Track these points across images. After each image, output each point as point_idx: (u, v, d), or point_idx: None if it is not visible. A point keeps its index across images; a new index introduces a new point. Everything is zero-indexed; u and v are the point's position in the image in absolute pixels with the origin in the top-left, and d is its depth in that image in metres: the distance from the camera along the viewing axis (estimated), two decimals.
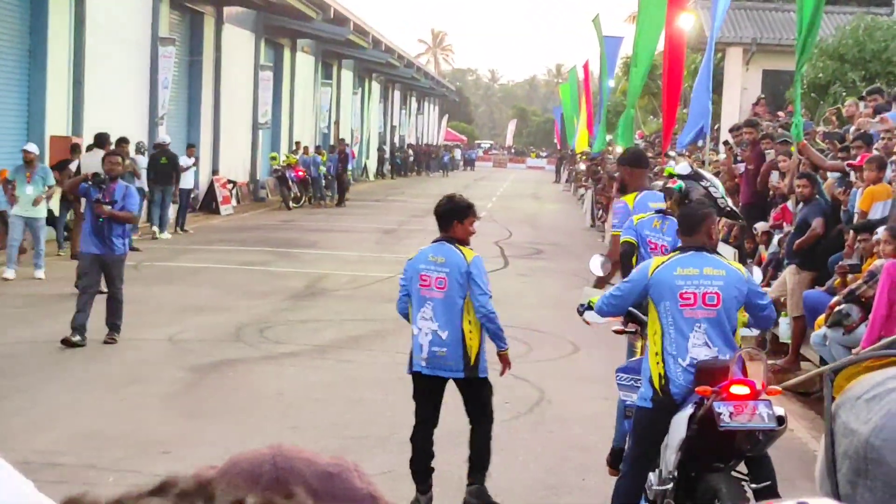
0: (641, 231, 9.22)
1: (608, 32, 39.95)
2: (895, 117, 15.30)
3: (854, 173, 13.85)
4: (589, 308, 7.83)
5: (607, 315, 7.65)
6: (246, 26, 38.84)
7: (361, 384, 12.20)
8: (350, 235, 29.43)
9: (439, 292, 8.12)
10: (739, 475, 6.86)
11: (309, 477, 1.35)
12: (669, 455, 6.79)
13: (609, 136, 44.37)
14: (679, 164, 9.77)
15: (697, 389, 6.60)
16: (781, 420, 6.48)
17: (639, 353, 8.24)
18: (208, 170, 34.90)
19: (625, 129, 31.53)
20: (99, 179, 13.83)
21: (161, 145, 27.21)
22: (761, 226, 16.31)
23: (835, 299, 11.80)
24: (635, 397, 7.35)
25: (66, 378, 12.08)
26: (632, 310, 7.60)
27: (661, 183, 11.88)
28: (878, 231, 11.53)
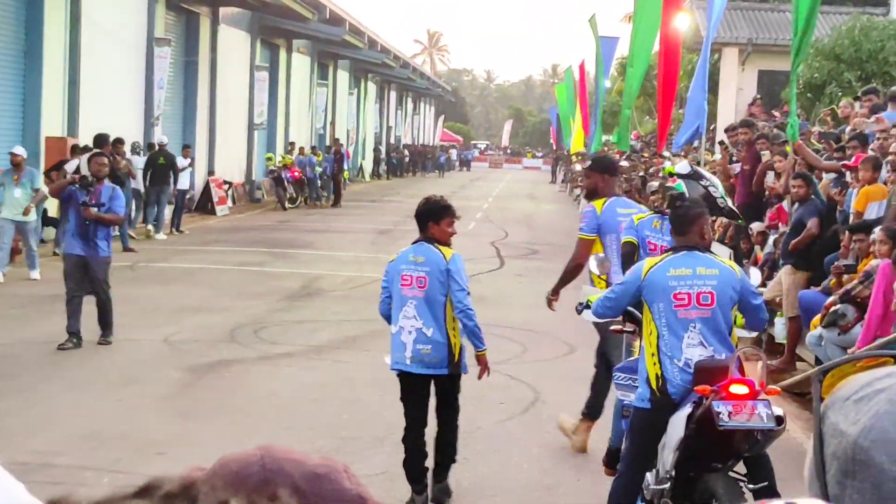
0: (642, 231, 9.21)
1: (604, 33, 39.96)
2: (891, 117, 15.29)
3: (849, 174, 13.85)
4: (587, 307, 7.84)
5: (603, 317, 7.65)
6: (241, 27, 38.83)
7: (357, 385, 12.19)
8: (346, 236, 29.42)
9: (420, 291, 8.25)
10: (737, 475, 6.86)
11: (297, 478, 1.35)
12: (667, 455, 6.78)
13: (607, 137, 44.40)
14: (678, 164, 9.77)
15: (696, 388, 6.59)
16: (780, 420, 6.47)
17: (636, 353, 8.24)
18: (204, 170, 34.89)
19: (621, 130, 31.57)
20: (86, 182, 13.72)
21: (159, 145, 27.23)
22: (757, 226, 16.31)
23: (830, 299, 11.80)
24: (633, 397, 7.34)
25: (62, 379, 12.07)
26: (630, 309, 7.61)
27: (658, 183, 11.90)
28: (875, 231, 11.54)
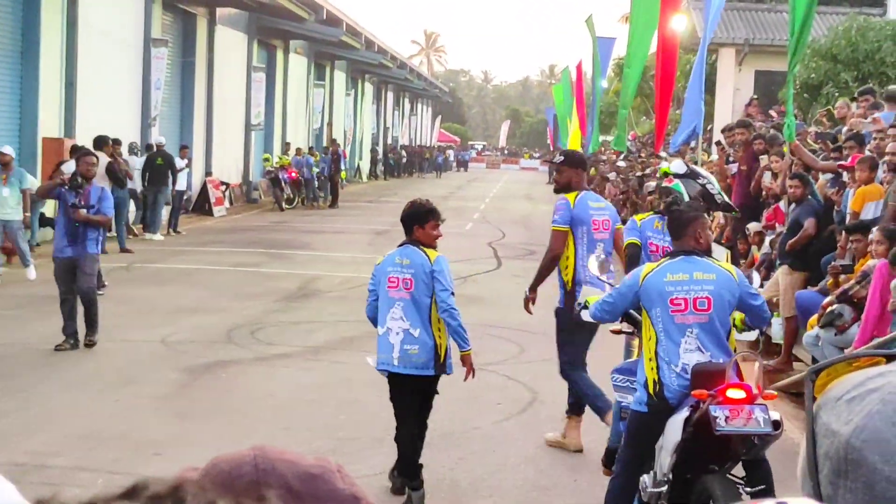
0: (644, 232, 9.21)
1: (601, 33, 39.97)
2: (888, 118, 15.29)
3: (846, 174, 13.86)
4: (585, 307, 7.84)
5: (601, 320, 7.66)
6: (238, 27, 38.83)
7: (354, 385, 12.18)
8: (343, 237, 29.41)
9: (407, 293, 8.40)
10: (735, 478, 6.85)
11: (290, 478, 1.35)
12: (664, 458, 6.78)
13: (604, 137, 44.40)
14: (673, 163, 9.76)
15: (693, 393, 6.58)
16: (777, 425, 6.46)
17: (635, 354, 8.24)
18: (201, 171, 34.88)
19: (618, 131, 31.56)
20: (76, 184, 13.60)
21: (157, 146, 27.23)
22: (753, 226, 16.31)
23: (827, 299, 11.81)
24: (631, 399, 7.34)
25: (59, 379, 12.07)
26: (630, 311, 7.61)
27: (655, 183, 11.89)
28: (873, 231, 11.54)
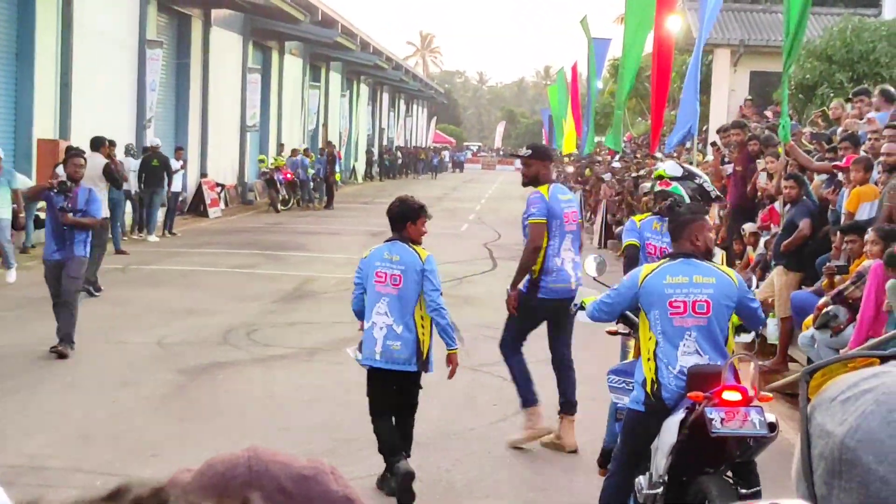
0: (643, 233, 9.22)
1: (596, 34, 39.99)
2: (882, 118, 15.31)
3: (841, 174, 13.87)
4: (582, 308, 7.84)
5: (599, 321, 7.65)
6: (234, 29, 38.81)
7: (351, 386, 12.15)
8: (338, 238, 29.39)
9: (394, 289, 8.53)
10: (730, 480, 6.85)
11: (283, 479, 1.35)
12: (660, 459, 6.78)
13: (599, 138, 44.39)
14: (667, 165, 9.73)
15: (689, 394, 6.58)
16: (773, 427, 6.47)
17: (632, 355, 8.23)
18: (196, 172, 34.86)
19: (614, 131, 31.59)
20: (64, 187, 13.45)
21: (153, 148, 27.22)
22: (749, 227, 16.32)
23: (822, 300, 11.82)
24: (627, 400, 7.34)
25: (55, 381, 12.06)
26: (626, 312, 7.62)
27: (650, 185, 11.88)
28: (868, 231, 11.55)
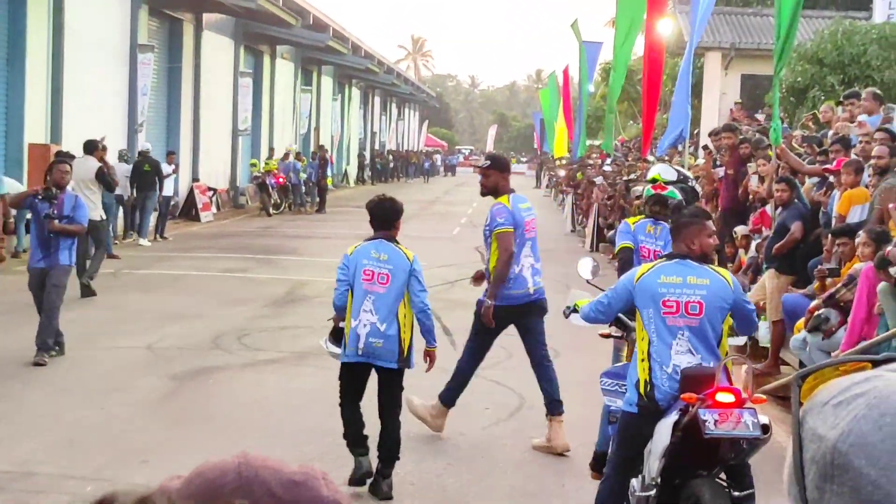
0: (636, 236, 9.23)
1: (588, 38, 40.00)
2: (874, 122, 15.35)
3: (832, 177, 13.89)
4: (574, 311, 7.83)
5: (595, 321, 7.65)
6: (225, 33, 38.79)
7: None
8: (330, 242, 29.35)
9: (381, 287, 8.72)
10: (722, 482, 6.86)
11: (274, 485, 1.34)
12: (653, 461, 6.78)
13: (591, 142, 44.39)
14: (661, 169, 9.72)
15: (682, 396, 6.59)
16: (766, 428, 6.48)
17: (625, 358, 8.24)
18: (188, 177, 34.84)
19: (606, 135, 31.63)
20: (49, 194, 13.33)
21: (143, 153, 27.24)
22: (741, 229, 16.33)
23: (814, 303, 11.83)
24: (619, 403, 7.35)
25: (45, 387, 12.03)
26: (619, 315, 7.64)
27: (641, 188, 11.88)
28: (860, 234, 11.56)
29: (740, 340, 7.66)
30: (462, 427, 10.79)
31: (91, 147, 20.09)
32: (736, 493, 6.72)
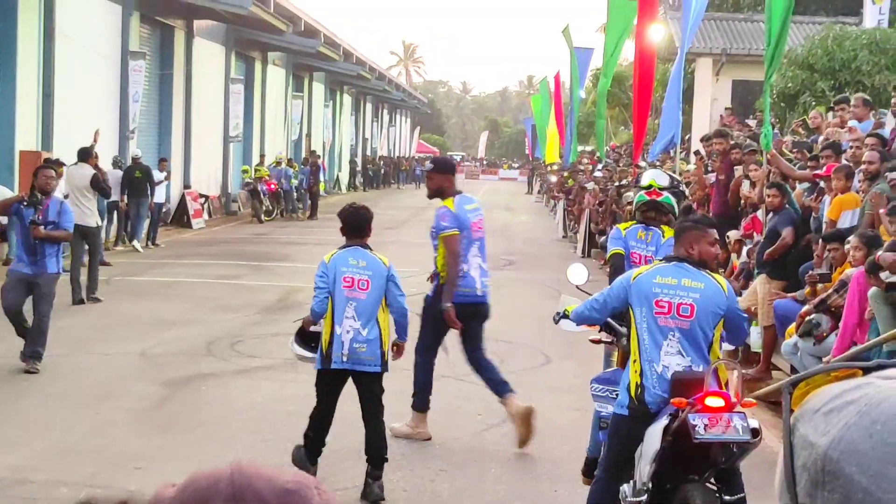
0: (627, 242, 9.25)
1: (579, 44, 40.06)
2: (865, 127, 15.39)
3: (822, 183, 13.92)
4: (565, 316, 7.84)
5: (587, 321, 7.65)
6: (216, 39, 38.77)
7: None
8: (323, 248, 29.05)
9: (362, 293, 8.91)
10: (714, 486, 6.87)
11: (267, 494, 1.35)
12: (644, 466, 6.79)
13: (582, 147, 44.43)
14: (655, 175, 9.71)
15: (672, 401, 6.61)
16: (756, 432, 6.49)
17: (615, 364, 8.25)
18: (180, 183, 34.80)
19: (598, 140, 31.66)
20: (36, 200, 13.24)
21: (134, 159, 27.25)
22: (734, 234, 16.33)
23: (805, 308, 11.85)
24: (610, 408, 7.36)
25: (37, 393, 12.02)
26: (609, 320, 7.66)
27: (632, 194, 11.90)
28: (850, 239, 11.58)
29: (730, 345, 7.68)
30: (454, 433, 10.79)
31: (85, 155, 20.09)
32: (727, 498, 6.73)
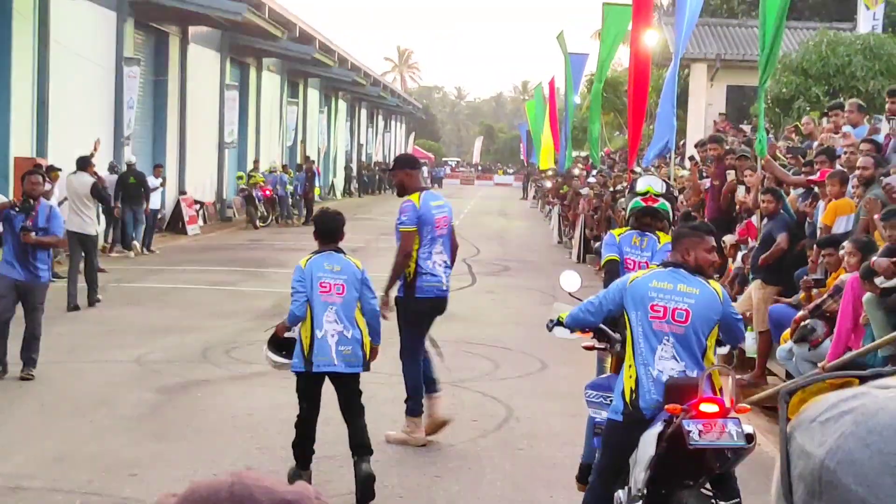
0: (622, 248, 9.25)
1: (573, 49, 40.09)
2: (860, 133, 15.41)
3: (816, 188, 13.94)
4: (559, 323, 7.83)
5: (582, 324, 7.65)
6: (211, 46, 38.78)
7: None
8: None
9: (339, 297, 9.05)
10: (708, 492, 6.88)
11: None
12: (639, 473, 6.79)
13: (578, 153, 44.45)
14: (651, 181, 9.72)
15: (667, 407, 6.61)
16: (750, 438, 6.49)
17: (609, 370, 8.25)
18: (175, 190, 34.79)
19: (592, 145, 31.68)
20: (29, 206, 13.20)
21: (128, 165, 27.27)
22: (729, 239, 16.32)
23: (800, 314, 11.85)
24: (604, 414, 7.36)
25: (32, 401, 12.01)
26: (602, 326, 7.67)
27: (624, 200, 11.90)
28: (845, 245, 11.59)
29: (724, 349, 7.68)
30: (450, 439, 10.79)
31: (84, 163, 20.11)
32: (722, 503, 6.74)
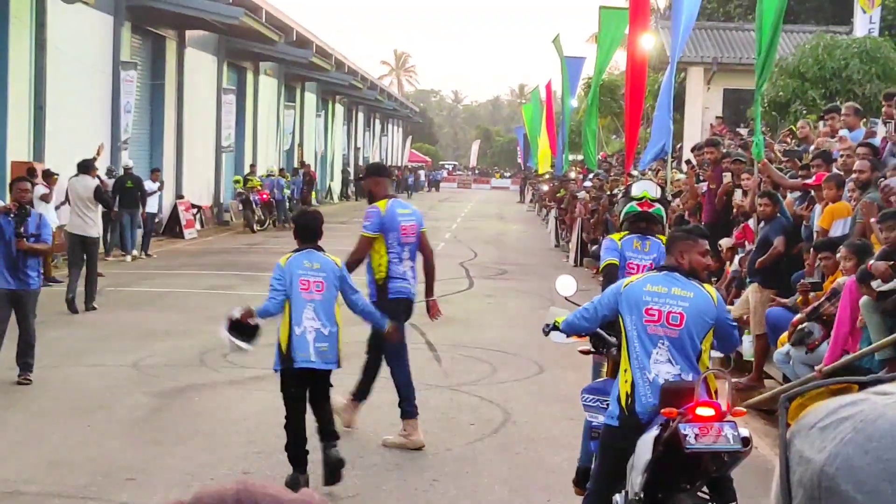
0: (624, 252, 9.26)
1: (570, 53, 40.10)
2: (856, 137, 15.41)
3: (812, 192, 13.94)
4: (555, 328, 7.84)
5: (578, 330, 7.66)
6: (208, 50, 38.78)
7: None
8: None
9: (318, 294, 9.22)
10: (705, 496, 6.89)
11: None
12: (636, 477, 6.80)
13: (575, 157, 44.44)
14: (647, 186, 9.73)
15: (663, 411, 6.62)
16: (747, 441, 6.51)
17: (605, 374, 8.26)
18: (172, 193, 34.77)
19: (588, 149, 31.67)
20: (25, 213, 13.16)
21: (125, 169, 27.29)
22: (726, 242, 16.33)
23: (797, 317, 11.86)
24: (601, 418, 7.37)
25: (30, 405, 12.00)
26: (598, 331, 7.68)
27: (620, 204, 11.92)
28: (841, 248, 11.60)
29: (721, 353, 7.71)
30: (447, 443, 10.79)
31: (87, 167, 20.12)
32: None
